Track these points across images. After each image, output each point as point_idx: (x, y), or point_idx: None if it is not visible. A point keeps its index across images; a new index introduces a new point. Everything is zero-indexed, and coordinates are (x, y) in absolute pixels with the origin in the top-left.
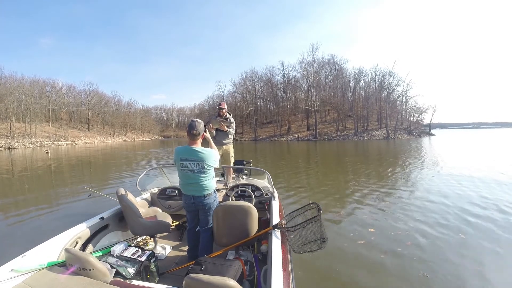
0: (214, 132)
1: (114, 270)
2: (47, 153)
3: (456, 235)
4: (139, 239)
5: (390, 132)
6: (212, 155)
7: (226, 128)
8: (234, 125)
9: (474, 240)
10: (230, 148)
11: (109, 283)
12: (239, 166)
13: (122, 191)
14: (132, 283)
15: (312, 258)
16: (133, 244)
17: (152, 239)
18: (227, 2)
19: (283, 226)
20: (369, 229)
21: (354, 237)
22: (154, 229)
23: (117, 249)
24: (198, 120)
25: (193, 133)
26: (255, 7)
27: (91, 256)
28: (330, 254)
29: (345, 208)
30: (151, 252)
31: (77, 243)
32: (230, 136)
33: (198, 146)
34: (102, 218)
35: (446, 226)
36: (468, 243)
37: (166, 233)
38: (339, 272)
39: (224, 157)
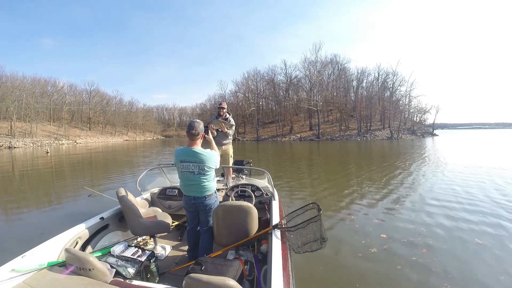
0: (216, 133)
1: (114, 270)
2: (47, 152)
3: (472, 240)
4: (139, 239)
5: (393, 132)
6: (212, 157)
7: (227, 130)
8: (234, 126)
9: (495, 246)
10: (229, 149)
11: (109, 283)
12: (239, 166)
13: (122, 191)
14: (132, 283)
15: (321, 271)
16: (133, 244)
17: (152, 239)
18: (226, 3)
19: (283, 226)
20: (381, 235)
21: (365, 244)
22: (154, 229)
23: (117, 249)
24: (198, 120)
25: (192, 133)
26: (254, 8)
27: (91, 256)
28: (340, 265)
29: (352, 211)
30: (151, 252)
31: (77, 243)
32: (229, 137)
33: (198, 147)
34: (102, 218)
35: (461, 231)
36: (490, 249)
37: (166, 233)
38: None
39: (223, 157)
